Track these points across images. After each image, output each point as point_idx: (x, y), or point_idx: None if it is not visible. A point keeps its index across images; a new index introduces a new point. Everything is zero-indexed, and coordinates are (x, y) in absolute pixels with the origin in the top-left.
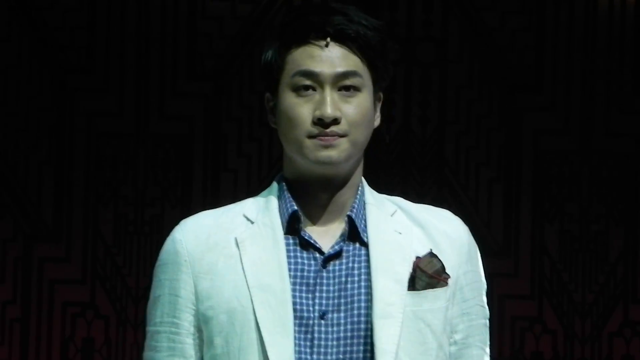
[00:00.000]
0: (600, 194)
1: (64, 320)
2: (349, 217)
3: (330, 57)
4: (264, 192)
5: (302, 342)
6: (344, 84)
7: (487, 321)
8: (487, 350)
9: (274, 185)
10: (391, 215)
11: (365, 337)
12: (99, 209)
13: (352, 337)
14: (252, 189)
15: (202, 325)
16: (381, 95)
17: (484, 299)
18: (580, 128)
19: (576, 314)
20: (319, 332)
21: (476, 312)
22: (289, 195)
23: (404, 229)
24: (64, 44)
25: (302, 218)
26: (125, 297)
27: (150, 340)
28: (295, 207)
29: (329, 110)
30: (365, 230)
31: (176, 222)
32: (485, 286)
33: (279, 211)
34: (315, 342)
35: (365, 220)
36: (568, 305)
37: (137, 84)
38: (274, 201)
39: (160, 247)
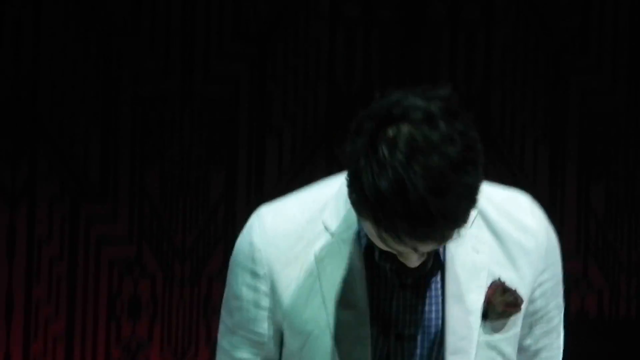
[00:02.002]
0: None
1: (111, 278)
2: None
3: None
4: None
5: None
6: None
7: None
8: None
9: None
10: (469, 226)
11: None
12: (145, 168)
13: None
14: (297, 150)
15: (281, 331)
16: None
17: (561, 296)
18: (627, 89)
19: (622, 272)
20: (395, 355)
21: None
22: None
23: (481, 245)
24: (109, 7)
25: None
26: (172, 256)
27: (226, 335)
28: None
29: (412, 266)
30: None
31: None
32: (562, 282)
33: (358, 227)
34: None
35: None
36: (613, 264)
37: (183, 46)
38: (353, 214)
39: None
